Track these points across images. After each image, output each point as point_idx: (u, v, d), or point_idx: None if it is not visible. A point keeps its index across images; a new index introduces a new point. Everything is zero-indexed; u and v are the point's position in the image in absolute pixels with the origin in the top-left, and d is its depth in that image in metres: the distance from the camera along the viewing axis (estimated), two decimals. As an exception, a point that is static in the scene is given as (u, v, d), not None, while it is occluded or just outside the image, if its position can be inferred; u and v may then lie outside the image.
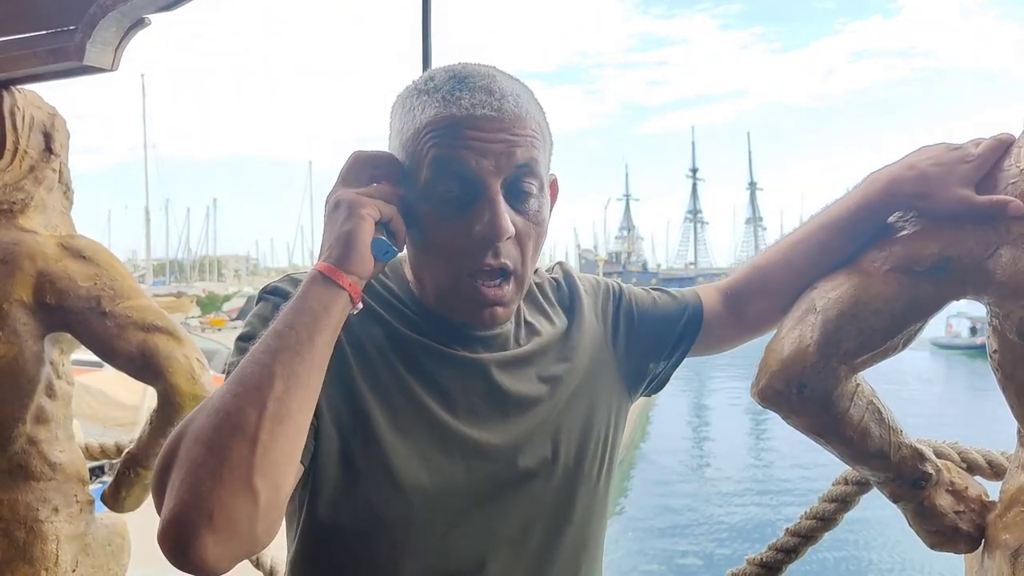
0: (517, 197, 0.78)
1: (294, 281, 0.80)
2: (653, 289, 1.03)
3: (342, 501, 0.76)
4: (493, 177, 0.75)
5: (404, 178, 0.79)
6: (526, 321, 0.89)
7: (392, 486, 0.76)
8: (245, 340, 0.76)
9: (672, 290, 1.04)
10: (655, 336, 0.97)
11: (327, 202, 0.77)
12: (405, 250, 0.86)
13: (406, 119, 0.79)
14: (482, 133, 0.75)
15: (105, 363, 1.45)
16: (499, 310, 0.79)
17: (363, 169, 0.78)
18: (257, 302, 0.82)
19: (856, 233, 0.94)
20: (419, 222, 0.78)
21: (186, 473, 0.61)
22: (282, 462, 0.64)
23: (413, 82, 0.82)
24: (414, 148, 0.77)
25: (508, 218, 0.75)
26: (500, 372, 0.83)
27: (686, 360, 1.02)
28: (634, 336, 0.96)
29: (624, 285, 1.01)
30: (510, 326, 0.87)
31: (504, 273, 0.78)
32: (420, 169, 0.77)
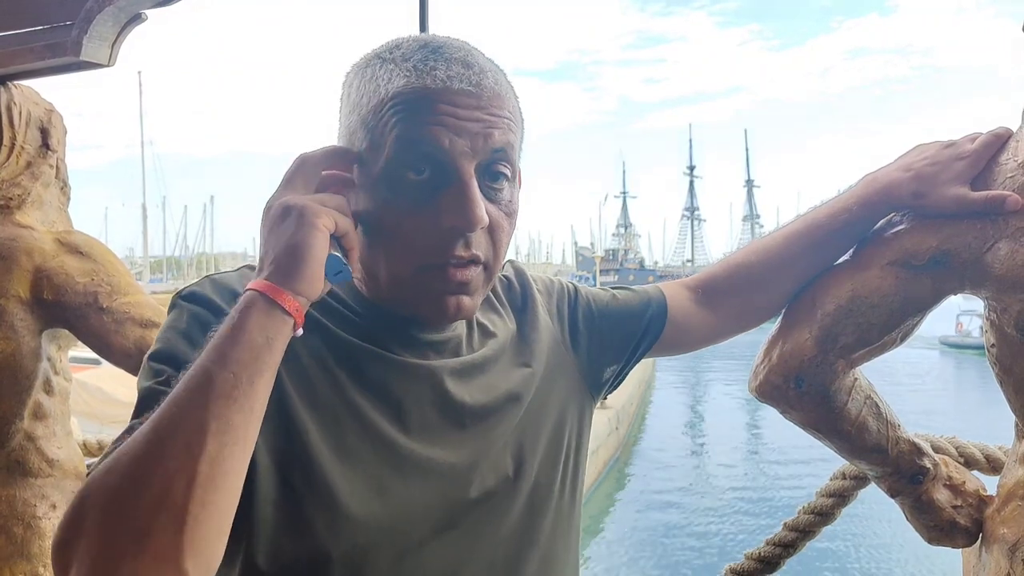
0: (491, 184, 0.69)
1: (217, 287, 0.70)
2: (613, 287, 0.97)
3: (284, 541, 0.65)
4: (467, 160, 0.66)
5: (361, 158, 0.70)
6: (478, 323, 0.81)
7: (339, 517, 0.66)
8: (159, 360, 0.64)
9: (633, 287, 0.98)
10: (618, 333, 0.91)
11: (268, 209, 0.64)
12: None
13: (366, 89, 0.69)
14: (458, 109, 0.66)
15: (102, 359, 1.45)
16: (465, 299, 0.70)
17: (312, 174, 0.68)
18: (171, 309, 0.70)
19: (852, 234, 0.94)
20: (376, 208, 0.69)
21: (97, 553, 0.50)
22: (214, 535, 0.53)
23: (373, 50, 0.72)
24: (376, 122, 0.67)
25: (483, 206, 0.67)
26: (454, 381, 0.75)
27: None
28: (595, 335, 0.90)
29: (579, 285, 0.95)
30: (462, 330, 0.79)
31: (474, 261, 0.69)
32: (382, 147, 0.67)
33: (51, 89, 1.52)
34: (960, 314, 27.84)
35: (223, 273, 0.73)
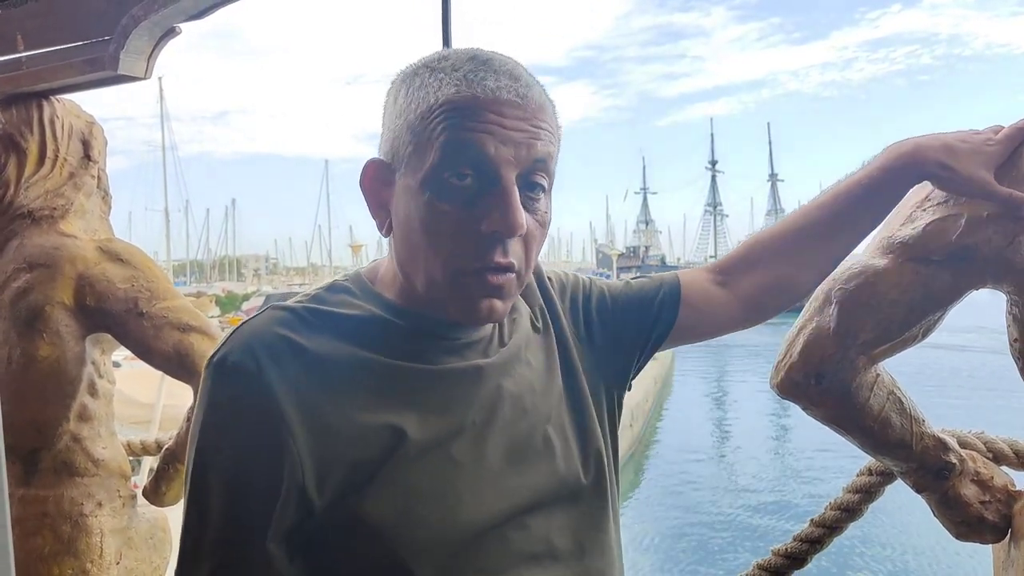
0: (529, 194, 0.71)
1: (270, 348, 0.70)
2: (633, 278, 0.97)
3: (344, 546, 0.70)
4: (510, 168, 0.68)
5: (406, 162, 0.71)
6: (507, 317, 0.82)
7: (394, 524, 0.69)
8: (204, 462, 0.69)
9: (651, 275, 0.98)
10: (631, 321, 0.91)
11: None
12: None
13: (415, 96, 0.71)
14: (504, 119, 0.68)
15: (120, 361, 1.50)
16: (497, 303, 0.72)
17: None
18: (210, 383, 0.70)
19: (876, 201, 0.91)
20: (418, 210, 0.70)
21: None
22: None
23: (421, 59, 0.74)
24: (423, 127, 0.69)
25: (523, 213, 0.69)
26: (499, 375, 0.77)
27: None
28: (609, 326, 0.89)
29: (594, 277, 0.95)
30: (493, 325, 0.80)
31: (509, 268, 0.71)
32: (427, 151, 0.69)
33: (75, 95, 1.58)
34: None
35: (269, 320, 0.73)
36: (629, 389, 0.94)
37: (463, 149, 0.68)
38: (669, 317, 0.92)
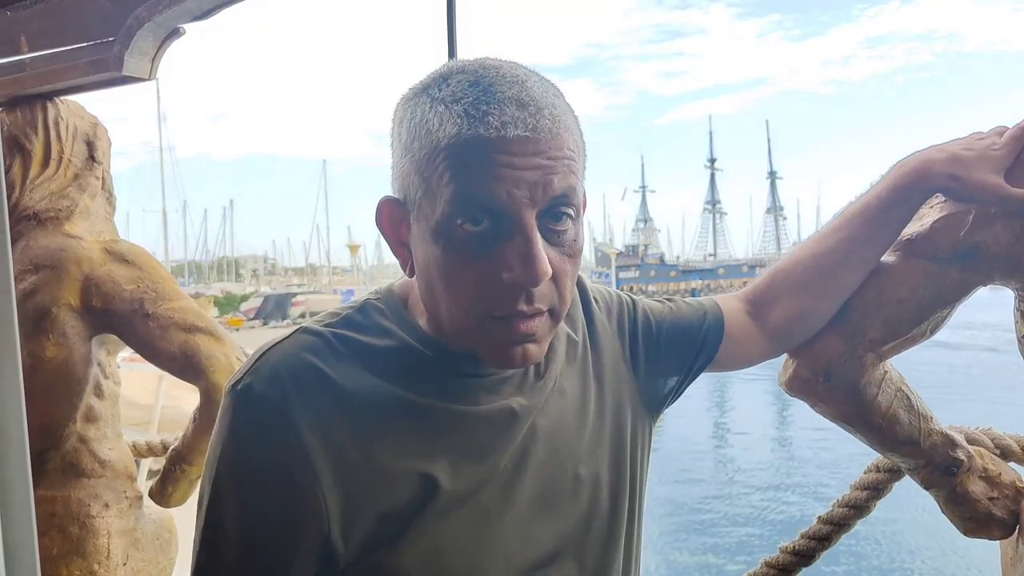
0: (553, 226, 0.65)
1: (298, 379, 0.66)
2: (667, 299, 0.95)
3: None
4: (527, 210, 0.62)
5: (418, 205, 0.66)
6: None
7: (428, 574, 0.67)
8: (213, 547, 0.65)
9: (688, 299, 0.96)
10: (675, 348, 0.88)
11: None
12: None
13: (418, 133, 0.65)
14: (514, 158, 0.61)
15: (120, 363, 1.50)
16: (531, 347, 0.67)
17: None
18: (232, 412, 0.66)
19: (888, 221, 0.91)
20: (435, 257, 0.65)
21: None
22: None
23: (422, 83, 0.67)
24: (430, 172, 0.63)
25: (546, 259, 0.63)
26: (532, 413, 0.74)
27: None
28: (653, 351, 0.87)
29: (637, 298, 0.92)
30: None
31: (538, 313, 0.66)
32: (437, 197, 0.63)
33: (77, 97, 1.57)
34: None
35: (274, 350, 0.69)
36: (662, 419, 0.92)
37: (473, 198, 0.62)
38: (712, 347, 0.90)
